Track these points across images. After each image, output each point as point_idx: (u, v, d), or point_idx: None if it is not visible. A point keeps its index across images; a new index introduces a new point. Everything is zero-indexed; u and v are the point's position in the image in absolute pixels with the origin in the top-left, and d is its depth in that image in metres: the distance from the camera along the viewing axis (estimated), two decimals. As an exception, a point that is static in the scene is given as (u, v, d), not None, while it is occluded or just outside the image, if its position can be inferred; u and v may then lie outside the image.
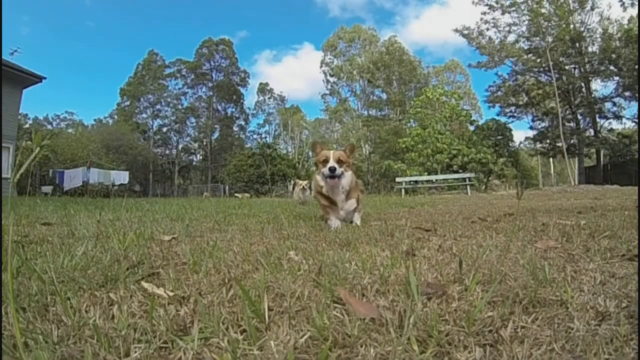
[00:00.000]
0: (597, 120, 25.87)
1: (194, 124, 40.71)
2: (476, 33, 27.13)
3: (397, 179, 17.79)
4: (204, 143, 40.81)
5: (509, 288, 0.88)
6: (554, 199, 6.70)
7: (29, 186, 10.43)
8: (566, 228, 1.86)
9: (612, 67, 24.45)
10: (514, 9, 25.70)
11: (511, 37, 26.79)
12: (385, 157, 28.62)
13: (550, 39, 24.68)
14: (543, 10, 24.63)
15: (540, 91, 26.51)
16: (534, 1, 24.68)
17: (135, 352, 0.61)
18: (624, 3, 22.89)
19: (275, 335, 0.66)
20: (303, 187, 6.39)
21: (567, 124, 26.13)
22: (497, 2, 26.00)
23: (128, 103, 39.35)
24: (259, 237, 1.89)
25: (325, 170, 2.39)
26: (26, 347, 0.62)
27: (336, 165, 2.38)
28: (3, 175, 12.59)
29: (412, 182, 18.13)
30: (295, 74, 60.53)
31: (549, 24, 24.80)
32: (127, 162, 30.12)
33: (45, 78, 14.90)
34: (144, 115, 39.76)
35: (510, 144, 27.33)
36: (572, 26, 24.53)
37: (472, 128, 27.35)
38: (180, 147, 40.61)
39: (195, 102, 40.42)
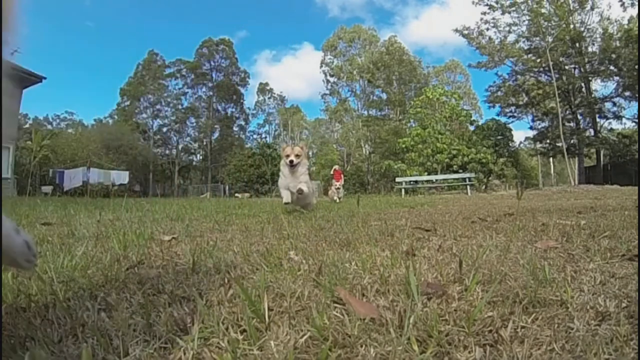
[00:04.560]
0: (597, 120, 25.88)
1: (194, 124, 40.74)
2: (476, 33, 27.14)
3: (397, 179, 17.80)
4: (204, 143, 40.79)
5: (509, 288, 0.88)
6: (554, 199, 6.70)
7: (29, 186, 10.44)
8: (566, 228, 1.86)
9: (612, 67, 24.45)
10: (514, 9, 25.70)
11: (511, 37, 26.83)
12: (385, 157, 28.60)
13: (550, 39, 24.67)
14: (543, 10, 24.63)
15: (540, 91, 26.51)
16: (534, 1, 24.67)
17: (135, 351, 0.61)
18: (624, 3, 22.91)
19: (275, 335, 0.66)
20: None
21: (567, 124, 26.13)
22: (497, 2, 26.00)
23: (128, 103, 39.33)
24: (259, 237, 1.88)
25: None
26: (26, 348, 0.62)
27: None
28: (3, 175, 12.60)
29: (412, 182, 18.15)
30: (295, 74, 60.54)
31: (549, 24, 24.79)
32: (127, 162, 30.15)
33: (45, 78, 14.89)
34: (144, 115, 39.78)
35: (510, 144, 27.33)
36: (572, 26, 24.52)
37: (472, 128, 27.36)
38: (180, 147, 40.63)
39: (195, 102, 40.44)
